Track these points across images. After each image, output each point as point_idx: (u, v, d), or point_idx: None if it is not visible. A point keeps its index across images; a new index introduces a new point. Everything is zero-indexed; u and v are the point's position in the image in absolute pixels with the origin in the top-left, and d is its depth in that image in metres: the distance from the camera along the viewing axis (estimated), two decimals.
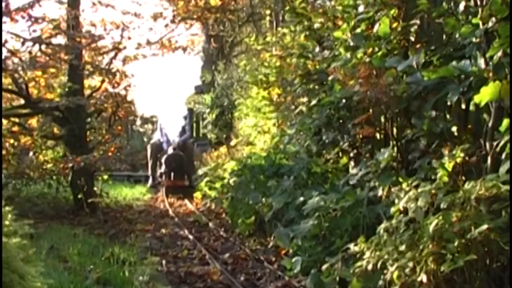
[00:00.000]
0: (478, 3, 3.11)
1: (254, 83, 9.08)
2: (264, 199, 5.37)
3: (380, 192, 3.58)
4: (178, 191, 9.82)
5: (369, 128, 4.10)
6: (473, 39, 3.17)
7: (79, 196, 6.32)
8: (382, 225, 3.02)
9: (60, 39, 6.65)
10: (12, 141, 7.13)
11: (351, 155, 4.96)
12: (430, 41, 3.90)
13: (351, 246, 3.19)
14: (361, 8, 4.47)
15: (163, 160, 10.34)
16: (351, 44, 4.42)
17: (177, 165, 10.16)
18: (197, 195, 8.59)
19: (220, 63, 15.08)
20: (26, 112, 6.94)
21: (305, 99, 6.40)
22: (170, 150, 10.44)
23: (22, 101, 6.81)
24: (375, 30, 4.16)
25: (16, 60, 6.22)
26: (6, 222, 2.12)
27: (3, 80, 6.44)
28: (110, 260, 4.00)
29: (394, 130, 4.08)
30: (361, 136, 4.37)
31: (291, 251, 4.15)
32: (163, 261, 4.32)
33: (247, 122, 10.85)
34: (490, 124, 2.99)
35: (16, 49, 6.55)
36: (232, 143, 11.56)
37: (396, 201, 2.98)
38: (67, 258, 4.03)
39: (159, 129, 11.45)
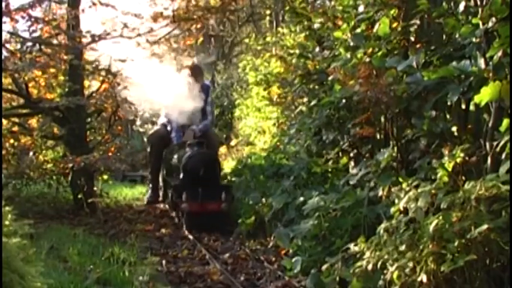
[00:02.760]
0: (478, 3, 3.11)
1: (254, 83, 9.10)
2: (264, 199, 5.37)
3: (380, 192, 3.58)
4: (211, 221, 5.54)
5: (369, 128, 4.11)
6: (473, 39, 3.17)
7: (79, 196, 6.31)
8: (382, 225, 3.02)
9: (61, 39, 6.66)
10: (12, 141, 7.13)
11: (351, 155, 4.97)
12: (430, 41, 3.90)
13: (351, 246, 3.20)
14: (361, 8, 4.47)
15: (181, 165, 5.88)
16: (351, 44, 4.43)
17: (207, 173, 5.72)
18: None
19: (220, 63, 15.09)
20: (26, 112, 6.94)
21: (305, 99, 6.41)
22: (190, 150, 5.92)
23: (22, 101, 6.81)
24: (375, 30, 4.16)
25: (16, 60, 6.22)
26: (6, 222, 2.13)
27: (3, 80, 6.44)
28: (110, 260, 3.99)
29: (394, 130, 4.09)
30: (361, 136, 4.37)
31: (291, 251, 4.15)
32: (163, 261, 4.32)
33: (247, 122, 10.86)
34: (490, 124, 2.99)
35: (16, 49, 6.56)
36: (232, 143, 11.57)
37: (396, 201, 2.98)
38: (67, 258, 4.03)
39: (163, 113, 7.12)
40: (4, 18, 6.03)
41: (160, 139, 7.03)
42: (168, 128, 7.02)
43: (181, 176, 5.89)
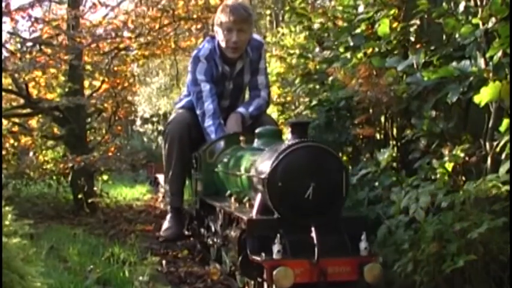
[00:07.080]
0: (478, 3, 3.12)
1: None
2: None
3: (380, 192, 3.58)
4: None
5: (369, 128, 4.10)
6: (473, 39, 3.17)
7: (79, 196, 6.32)
8: (382, 225, 3.03)
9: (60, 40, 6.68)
10: (12, 141, 7.14)
11: (351, 155, 4.96)
12: (430, 41, 3.90)
13: None
14: (361, 8, 4.47)
15: (258, 178, 2.77)
16: (351, 44, 4.42)
17: (323, 195, 2.65)
18: None
19: None
20: (26, 112, 6.95)
21: (305, 99, 6.39)
22: (276, 147, 2.79)
23: (22, 101, 6.82)
24: (375, 30, 4.16)
25: (16, 60, 6.23)
26: (6, 222, 2.12)
27: (3, 80, 6.44)
28: (110, 260, 3.99)
29: (394, 130, 4.09)
30: (361, 136, 4.37)
31: None
32: (163, 262, 4.31)
33: None
34: (490, 124, 3.00)
35: (16, 49, 6.57)
36: None
37: (396, 201, 2.98)
38: (67, 258, 4.03)
39: (192, 77, 4.17)
40: (4, 18, 6.05)
41: (187, 130, 4.18)
42: (198, 109, 4.08)
43: (256, 201, 2.83)
